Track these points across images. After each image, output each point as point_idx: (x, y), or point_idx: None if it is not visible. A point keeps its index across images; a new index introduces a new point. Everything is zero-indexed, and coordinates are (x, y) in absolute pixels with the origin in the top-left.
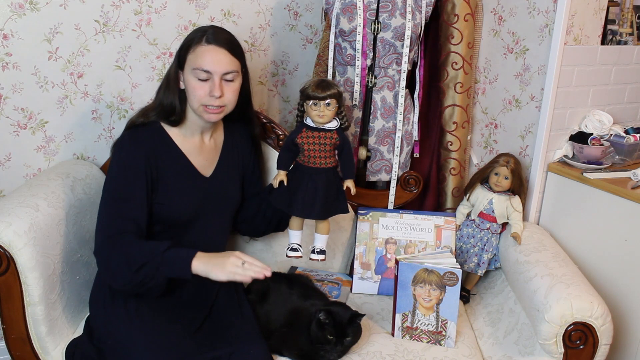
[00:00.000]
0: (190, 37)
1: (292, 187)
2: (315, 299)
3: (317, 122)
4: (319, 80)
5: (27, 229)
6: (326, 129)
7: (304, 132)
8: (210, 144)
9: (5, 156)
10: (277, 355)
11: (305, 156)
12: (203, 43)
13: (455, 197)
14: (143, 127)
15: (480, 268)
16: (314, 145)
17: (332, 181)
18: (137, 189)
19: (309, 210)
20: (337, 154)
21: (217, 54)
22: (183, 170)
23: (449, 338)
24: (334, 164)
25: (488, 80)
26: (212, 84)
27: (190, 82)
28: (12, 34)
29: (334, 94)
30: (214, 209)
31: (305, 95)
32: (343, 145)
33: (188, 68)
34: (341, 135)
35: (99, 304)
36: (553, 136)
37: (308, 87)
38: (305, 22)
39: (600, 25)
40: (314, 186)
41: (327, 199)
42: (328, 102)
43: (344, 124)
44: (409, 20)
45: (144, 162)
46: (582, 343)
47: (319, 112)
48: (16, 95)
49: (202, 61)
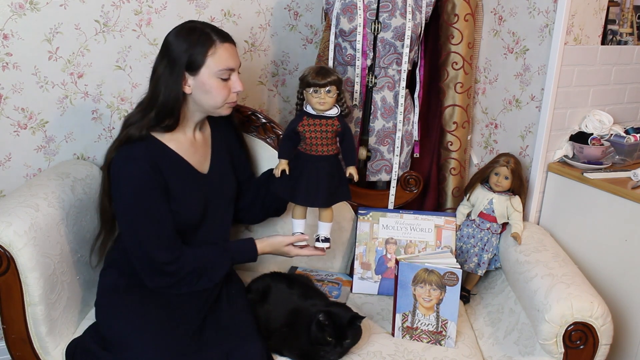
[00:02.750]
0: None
1: (295, 175)
2: (316, 299)
3: (318, 110)
4: (319, 67)
5: (27, 229)
6: (327, 116)
7: (305, 120)
8: (200, 139)
9: (5, 156)
10: (277, 355)
11: (307, 144)
12: (219, 43)
13: (455, 197)
14: (135, 142)
15: (481, 268)
16: (316, 132)
17: (335, 168)
18: (161, 203)
19: (313, 198)
20: (338, 141)
21: (233, 49)
22: (184, 173)
23: (449, 338)
24: (335, 151)
25: (488, 80)
26: (235, 81)
27: (213, 85)
28: (12, 34)
29: (334, 80)
30: (218, 204)
31: (305, 82)
32: (344, 132)
33: (208, 70)
34: (342, 122)
35: (104, 306)
36: (553, 136)
37: (308, 74)
38: (305, 22)
39: (600, 25)
40: (316, 174)
41: (330, 186)
42: (328, 89)
43: (344, 110)
44: (409, 20)
45: (152, 176)
46: (582, 343)
47: (320, 99)
48: (16, 95)
49: (227, 61)
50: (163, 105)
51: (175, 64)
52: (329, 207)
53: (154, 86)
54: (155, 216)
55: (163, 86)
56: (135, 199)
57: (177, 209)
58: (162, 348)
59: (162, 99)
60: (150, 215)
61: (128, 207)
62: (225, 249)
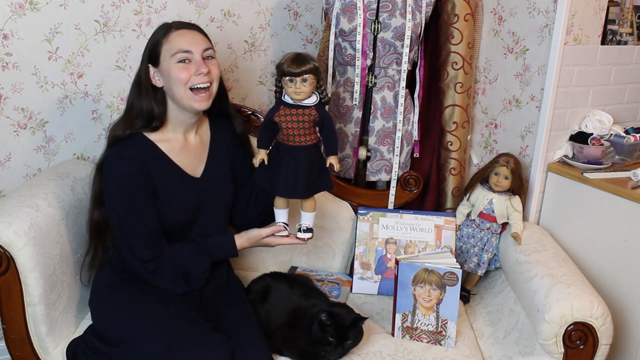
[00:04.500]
0: (156, 33)
1: (274, 166)
2: (316, 298)
3: (295, 99)
4: (295, 54)
5: (27, 229)
6: (304, 106)
7: (282, 110)
8: (196, 142)
9: (5, 156)
10: (278, 355)
11: (285, 134)
12: (173, 31)
13: (455, 197)
14: (126, 140)
15: (480, 268)
16: (292, 123)
17: (315, 159)
18: (145, 202)
19: (292, 189)
20: (318, 131)
21: (191, 34)
22: (173, 175)
23: (449, 338)
24: (314, 140)
25: (488, 80)
26: (197, 64)
27: (171, 69)
28: (12, 34)
29: (310, 69)
30: (210, 208)
31: (281, 71)
32: (323, 121)
33: (165, 58)
34: (320, 111)
35: (102, 304)
36: (553, 136)
37: (284, 62)
38: (305, 22)
39: (600, 25)
40: (295, 165)
41: (309, 177)
42: (304, 78)
43: (324, 98)
44: (409, 20)
45: (139, 176)
46: (582, 343)
47: (295, 88)
48: (16, 95)
49: (180, 43)
50: (140, 105)
51: (142, 62)
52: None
53: (130, 89)
54: (138, 215)
55: (135, 86)
56: (120, 196)
57: (164, 210)
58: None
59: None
60: (133, 214)
61: (114, 202)
62: (204, 247)
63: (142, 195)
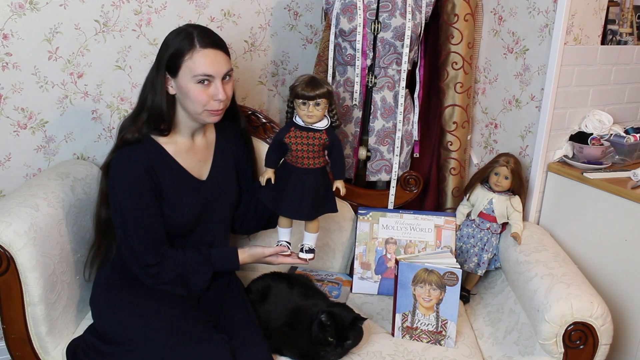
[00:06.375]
0: (179, 40)
1: (280, 185)
2: (316, 298)
3: (306, 122)
4: (310, 77)
5: (27, 229)
6: (315, 129)
7: (292, 132)
8: (202, 144)
9: (5, 156)
10: (278, 355)
11: (294, 156)
12: (198, 48)
13: (455, 197)
14: (134, 145)
15: (480, 268)
16: (302, 145)
17: (321, 181)
18: (151, 206)
19: (297, 211)
20: (327, 154)
21: (216, 56)
22: (180, 178)
23: (449, 338)
24: (322, 164)
25: (488, 80)
26: (215, 88)
27: (190, 89)
28: (12, 34)
29: (324, 93)
30: (214, 211)
31: (295, 93)
32: (332, 145)
33: (185, 75)
34: (331, 135)
35: (103, 302)
36: (553, 136)
37: (298, 84)
38: (305, 22)
39: (600, 25)
40: (301, 187)
41: (315, 199)
42: (317, 102)
43: (335, 122)
44: (409, 20)
45: (147, 178)
46: (582, 343)
47: (308, 111)
48: (16, 95)
49: (204, 67)
50: (152, 107)
51: (159, 65)
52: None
53: (143, 88)
54: (143, 218)
55: (150, 87)
56: (126, 198)
57: (169, 212)
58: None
59: (149, 100)
60: (138, 217)
61: (119, 205)
62: (207, 258)
63: (148, 199)
